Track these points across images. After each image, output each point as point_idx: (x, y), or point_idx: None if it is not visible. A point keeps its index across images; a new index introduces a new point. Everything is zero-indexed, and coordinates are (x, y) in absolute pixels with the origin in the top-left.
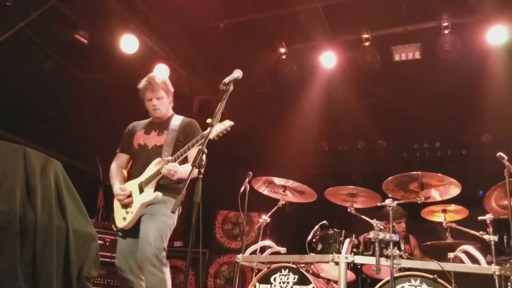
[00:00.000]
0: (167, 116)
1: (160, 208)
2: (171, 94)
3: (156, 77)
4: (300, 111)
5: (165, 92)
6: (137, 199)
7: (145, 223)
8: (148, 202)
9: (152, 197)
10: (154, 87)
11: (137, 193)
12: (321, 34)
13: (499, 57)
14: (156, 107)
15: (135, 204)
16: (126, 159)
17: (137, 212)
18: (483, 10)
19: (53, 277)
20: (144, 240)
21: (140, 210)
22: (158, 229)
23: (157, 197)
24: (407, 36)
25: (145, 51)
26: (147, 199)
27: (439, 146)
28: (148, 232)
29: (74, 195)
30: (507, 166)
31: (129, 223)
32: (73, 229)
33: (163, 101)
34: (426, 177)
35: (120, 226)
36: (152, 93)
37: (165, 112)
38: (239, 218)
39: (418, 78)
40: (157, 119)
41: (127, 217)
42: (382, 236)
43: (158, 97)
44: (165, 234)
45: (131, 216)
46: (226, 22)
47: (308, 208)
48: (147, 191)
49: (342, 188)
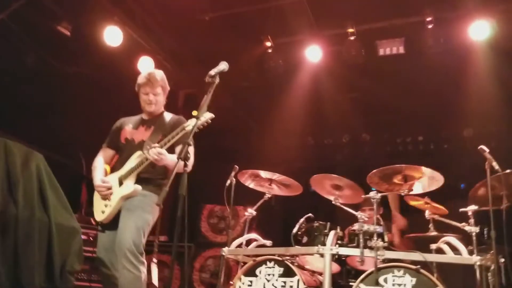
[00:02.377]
0: (158, 113)
1: (139, 203)
2: (166, 93)
3: (157, 74)
4: (285, 104)
5: (162, 90)
6: (116, 192)
7: (124, 218)
8: (127, 195)
9: (131, 190)
10: (154, 83)
11: (116, 186)
12: (307, 28)
13: (481, 52)
14: (151, 102)
15: (114, 197)
16: (111, 154)
17: (116, 205)
18: (465, 5)
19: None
20: (121, 236)
21: (119, 203)
22: (136, 224)
23: (137, 190)
24: (391, 31)
25: (129, 43)
26: (126, 192)
27: (422, 140)
28: (126, 227)
29: (56, 188)
30: (488, 159)
31: (107, 216)
32: (55, 223)
33: (159, 98)
34: (409, 170)
35: (99, 219)
36: (151, 88)
37: (158, 108)
38: (224, 212)
39: (402, 72)
40: (149, 114)
41: (105, 210)
42: (366, 227)
43: (155, 93)
44: (144, 230)
45: (110, 210)
46: (212, 15)
47: (293, 201)
48: (127, 184)
49: (328, 177)
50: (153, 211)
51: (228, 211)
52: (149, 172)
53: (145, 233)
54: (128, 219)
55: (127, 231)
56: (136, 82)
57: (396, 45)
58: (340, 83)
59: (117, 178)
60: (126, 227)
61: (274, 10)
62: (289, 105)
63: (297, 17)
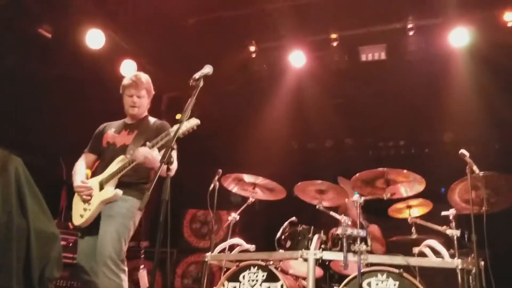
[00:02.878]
0: (141, 116)
1: (119, 209)
2: (151, 96)
3: (142, 77)
4: (269, 109)
5: (147, 92)
6: (96, 196)
7: (104, 224)
8: (108, 200)
9: (111, 194)
10: (139, 85)
11: (97, 190)
12: (290, 33)
13: (461, 58)
14: (135, 105)
15: (94, 201)
16: (93, 159)
17: (95, 209)
18: (446, 13)
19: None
20: (102, 243)
21: (98, 207)
22: (117, 231)
23: (117, 195)
24: (373, 37)
25: (112, 46)
26: (107, 196)
27: (403, 144)
28: (106, 234)
29: (36, 193)
30: (469, 163)
31: (86, 220)
32: (34, 228)
33: (143, 101)
34: (392, 174)
35: (77, 223)
36: (135, 90)
37: (141, 112)
38: (207, 217)
39: (384, 78)
40: (132, 117)
41: (84, 214)
42: (350, 231)
43: (139, 96)
44: (125, 237)
45: (89, 214)
46: (196, 19)
47: (277, 206)
48: (107, 188)
49: (312, 183)
50: (134, 217)
51: (211, 216)
52: (131, 176)
53: (126, 240)
54: (109, 225)
55: (108, 238)
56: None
57: (378, 51)
58: (324, 88)
59: (98, 182)
60: (106, 234)
61: (258, 15)
62: (273, 109)
63: (281, 22)
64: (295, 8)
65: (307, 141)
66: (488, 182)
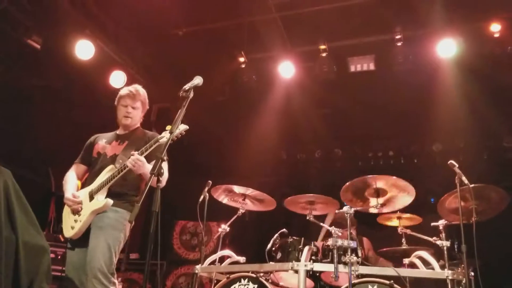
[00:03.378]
0: (133, 128)
1: (110, 220)
2: (144, 110)
3: (140, 89)
4: (259, 119)
5: (142, 105)
6: (87, 207)
7: (94, 237)
8: (98, 210)
9: (102, 204)
10: (136, 96)
11: (87, 201)
12: (280, 44)
13: (448, 69)
14: (129, 115)
15: (84, 212)
16: (83, 170)
17: (86, 221)
18: (433, 24)
19: None
20: (92, 256)
21: (89, 218)
22: (107, 243)
23: (107, 205)
24: (362, 48)
25: (101, 57)
26: (97, 207)
27: (392, 155)
28: (96, 247)
29: (24, 205)
30: (458, 173)
31: (77, 232)
32: (23, 241)
33: (137, 112)
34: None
35: (68, 235)
36: (131, 100)
37: (134, 123)
38: (197, 228)
39: (373, 88)
40: (124, 127)
41: (75, 226)
42: (340, 243)
43: (134, 107)
44: (115, 249)
45: (80, 225)
46: (185, 30)
47: (267, 217)
48: (97, 198)
49: (302, 197)
50: (124, 228)
51: (201, 227)
52: (121, 186)
53: (117, 252)
54: (99, 237)
55: (98, 250)
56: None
57: (366, 62)
58: (313, 99)
59: (88, 193)
60: (97, 247)
61: (248, 26)
62: (262, 120)
63: (270, 33)
64: (284, 19)
65: (297, 152)
66: (477, 193)
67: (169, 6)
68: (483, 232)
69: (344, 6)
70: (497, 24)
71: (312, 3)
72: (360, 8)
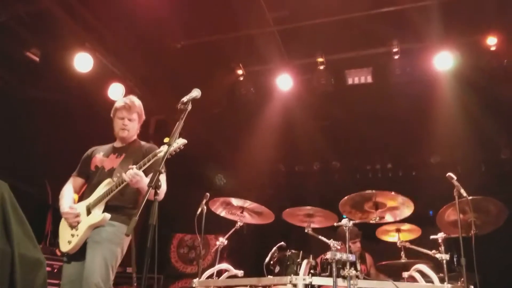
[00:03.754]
0: (130, 140)
1: (107, 235)
2: (141, 122)
3: (136, 100)
4: (257, 132)
5: (138, 116)
6: (84, 221)
7: (91, 251)
8: (96, 224)
9: (99, 218)
10: (131, 108)
11: (84, 215)
12: (277, 57)
13: (446, 81)
14: (126, 127)
15: (82, 226)
16: (80, 183)
17: (83, 235)
18: (430, 37)
19: None
20: (89, 270)
21: (86, 232)
22: (104, 258)
23: (105, 219)
24: (359, 61)
25: (100, 70)
26: (95, 221)
27: (391, 167)
28: (93, 261)
29: (21, 218)
30: (456, 186)
31: (74, 247)
32: (19, 254)
33: (133, 124)
34: (380, 197)
35: (65, 250)
36: (127, 112)
37: (131, 135)
38: (195, 241)
39: (370, 101)
40: (122, 140)
41: (72, 240)
42: (339, 256)
43: (130, 118)
44: (112, 263)
45: (77, 240)
46: (184, 43)
47: (265, 230)
48: (95, 212)
49: (300, 209)
50: (122, 243)
51: (198, 241)
52: (118, 200)
53: (114, 267)
54: (96, 252)
55: (95, 265)
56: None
57: (364, 75)
58: (311, 111)
59: (85, 207)
60: (94, 261)
61: (246, 39)
62: (261, 132)
63: (268, 46)
64: (281, 32)
65: (295, 164)
66: (476, 205)
67: (168, 19)
68: (483, 245)
69: (341, 20)
70: (493, 37)
71: (310, 16)
72: (357, 22)
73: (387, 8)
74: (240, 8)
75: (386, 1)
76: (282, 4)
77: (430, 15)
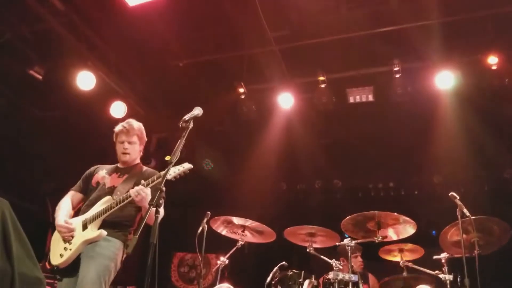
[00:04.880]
0: (133, 163)
1: (101, 249)
2: (143, 143)
3: (134, 123)
4: (258, 150)
5: (138, 139)
6: (79, 236)
7: (84, 265)
8: (90, 240)
9: (95, 234)
10: (130, 131)
11: (79, 230)
12: (279, 75)
13: (447, 100)
14: (126, 151)
15: (76, 240)
16: (78, 198)
17: (76, 250)
18: (430, 57)
19: None
20: (82, 285)
21: (80, 247)
22: (97, 272)
23: (101, 235)
24: (360, 79)
25: (102, 88)
26: (90, 236)
27: (393, 186)
28: (86, 276)
29: (21, 236)
30: (459, 205)
31: (65, 260)
32: (19, 273)
33: (135, 147)
34: (383, 217)
35: (55, 263)
36: (126, 136)
37: (133, 159)
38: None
39: (372, 119)
40: (124, 163)
41: (64, 254)
42: (342, 276)
43: (130, 141)
44: (105, 278)
45: (69, 254)
46: (186, 62)
47: (267, 249)
48: (91, 228)
49: (302, 228)
50: (116, 258)
51: (199, 260)
52: (116, 216)
53: (107, 282)
54: (89, 266)
55: (88, 280)
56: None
57: (365, 93)
58: (312, 130)
59: (81, 221)
60: (86, 276)
61: (247, 58)
62: (262, 150)
63: (270, 65)
64: (283, 51)
65: (296, 182)
66: (479, 225)
67: (170, 38)
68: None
69: (342, 39)
70: (494, 56)
71: (311, 36)
72: (358, 41)
73: (388, 28)
74: (241, 27)
75: (387, 21)
76: (283, 23)
77: (431, 34)
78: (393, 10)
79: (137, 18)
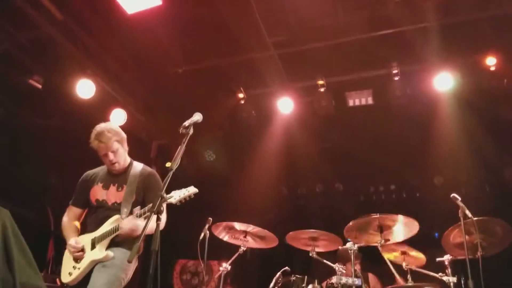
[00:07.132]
0: (125, 166)
1: (114, 260)
2: (125, 141)
3: (105, 130)
4: (259, 155)
5: (119, 143)
6: (88, 256)
7: (96, 274)
8: (98, 261)
9: (102, 255)
10: (107, 143)
11: (88, 248)
12: (278, 80)
13: (446, 102)
14: (113, 161)
15: (85, 260)
16: (78, 213)
17: (84, 269)
18: (429, 58)
19: None
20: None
21: (88, 266)
22: (108, 282)
23: (108, 257)
24: (359, 83)
25: (102, 96)
26: (97, 257)
27: (394, 188)
28: (96, 285)
29: (22, 246)
30: (461, 207)
31: (74, 279)
32: (20, 283)
33: (119, 152)
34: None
35: (65, 281)
36: (105, 148)
37: (122, 164)
38: (198, 267)
39: (372, 122)
40: (117, 171)
41: (73, 273)
42: (345, 280)
43: (113, 151)
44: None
45: (78, 273)
46: (185, 68)
47: (269, 254)
48: (99, 248)
49: (304, 232)
50: (127, 269)
51: (201, 266)
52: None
53: None
54: (101, 276)
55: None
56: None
57: (364, 96)
58: (312, 134)
59: (90, 240)
60: (96, 285)
61: (246, 63)
62: (262, 155)
63: (268, 69)
64: (282, 56)
65: (297, 187)
66: (482, 226)
67: (169, 45)
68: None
69: (341, 42)
70: (493, 57)
71: (309, 40)
72: (357, 44)
73: (386, 30)
74: (240, 32)
75: (386, 23)
76: (282, 28)
77: (429, 36)
78: (390, 13)
79: (136, 25)
